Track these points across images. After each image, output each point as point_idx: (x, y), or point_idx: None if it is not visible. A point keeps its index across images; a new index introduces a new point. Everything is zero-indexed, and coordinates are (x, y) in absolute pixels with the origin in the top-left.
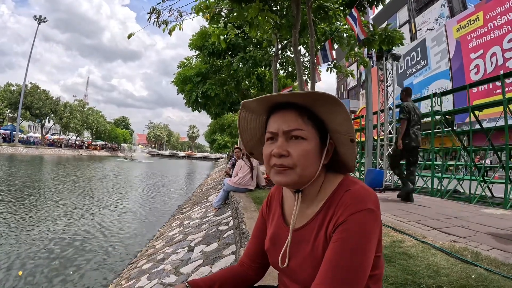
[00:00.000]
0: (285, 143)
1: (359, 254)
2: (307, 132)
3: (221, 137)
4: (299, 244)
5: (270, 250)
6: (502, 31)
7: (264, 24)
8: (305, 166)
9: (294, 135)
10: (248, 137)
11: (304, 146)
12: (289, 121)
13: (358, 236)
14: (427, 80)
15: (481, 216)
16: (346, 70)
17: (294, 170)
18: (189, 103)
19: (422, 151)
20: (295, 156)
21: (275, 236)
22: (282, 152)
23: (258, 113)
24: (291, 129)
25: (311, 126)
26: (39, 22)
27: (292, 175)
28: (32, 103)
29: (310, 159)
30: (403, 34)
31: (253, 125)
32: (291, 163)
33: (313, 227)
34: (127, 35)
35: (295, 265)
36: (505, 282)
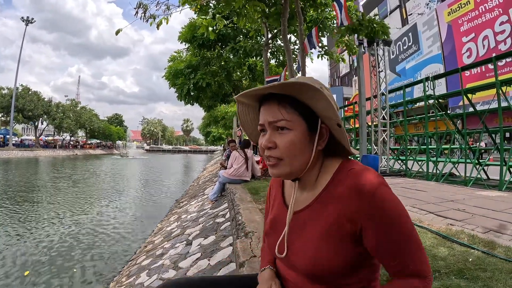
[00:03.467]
0: (272, 135)
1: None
2: (291, 122)
3: (216, 129)
4: (299, 228)
5: (268, 234)
6: (494, 14)
7: (253, 14)
8: (293, 156)
9: (279, 126)
10: (250, 128)
11: (289, 136)
12: (272, 112)
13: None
14: (419, 65)
15: (477, 198)
16: (337, 55)
17: (284, 161)
18: (181, 97)
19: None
20: (282, 148)
21: (275, 219)
22: (268, 145)
23: (252, 106)
24: (275, 120)
25: (296, 115)
26: (26, 23)
27: (283, 167)
28: (24, 106)
29: (298, 148)
30: (389, 27)
31: (252, 116)
32: (278, 154)
33: (316, 208)
34: (114, 32)
35: (294, 251)
36: (503, 264)
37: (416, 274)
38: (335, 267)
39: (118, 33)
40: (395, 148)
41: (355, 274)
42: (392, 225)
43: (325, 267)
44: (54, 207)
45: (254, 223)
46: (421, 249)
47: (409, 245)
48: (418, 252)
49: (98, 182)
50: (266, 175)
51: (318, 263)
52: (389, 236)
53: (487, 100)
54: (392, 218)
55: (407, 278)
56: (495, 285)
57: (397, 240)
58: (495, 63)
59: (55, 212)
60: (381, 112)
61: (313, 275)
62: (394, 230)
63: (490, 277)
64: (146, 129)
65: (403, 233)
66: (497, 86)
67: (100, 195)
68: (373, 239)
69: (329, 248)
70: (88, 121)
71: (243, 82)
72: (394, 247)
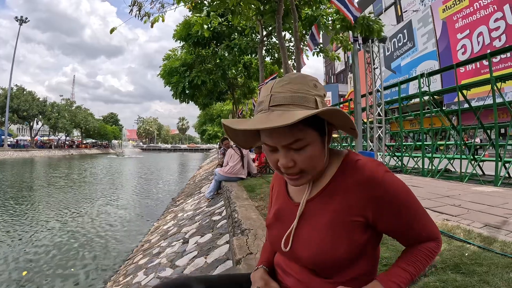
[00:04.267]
0: (288, 154)
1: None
2: (306, 138)
3: (211, 127)
4: (305, 219)
5: (272, 226)
6: (488, 10)
7: (247, 11)
8: (314, 167)
9: (294, 147)
10: (241, 140)
11: (308, 152)
12: (284, 134)
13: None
14: (414, 62)
15: (473, 194)
16: (332, 53)
17: (305, 173)
18: (177, 95)
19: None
20: (302, 164)
21: (279, 211)
22: (288, 164)
23: None
24: (290, 143)
25: (308, 128)
26: (20, 23)
27: (306, 177)
28: (19, 106)
29: (316, 158)
30: (383, 25)
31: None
32: (298, 170)
33: (324, 199)
34: (108, 31)
35: (299, 242)
36: (499, 259)
37: (429, 238)
38: (340, 257)
39: (112, 31)
40: (391, 144)
41: (357, 266)
42: (404, 206)
43: (331, 256)
44: (51, 207)
45: (250, 221)
46: (428, 217)
47: (418, 217)
48: (427, 221)
49: (94, 182)
50: (262, 173)
51: (324, 253)
52: (403, 216)
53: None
54: (402, 199)
55: (423, 243)
56: (491, 279)
57: (409, 217)
58: (490, 59)
59: (51, 212)
60: (377, 109)
61: (317, 266)
62: (406, 210)
63: (486, 271)
64: (141, 128)
65: (413, 209)
66: (492, 82)
67: (96, 195)
68: (389, 222)
69: (336, 236)
70: (83, 120)
71: (238, 79)
72: (408, 223)
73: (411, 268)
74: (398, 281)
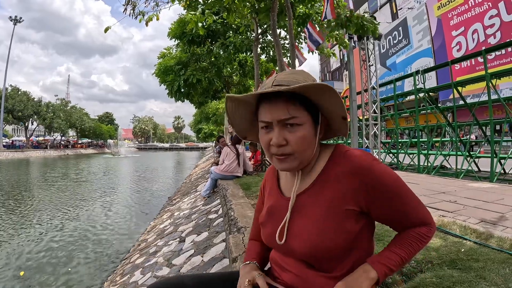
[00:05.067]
0: (281, 132)
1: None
2: (301, 118)
3: (207, 126)
4: (298, 212)
5: (265, 223)
6: (483, 8)
7: (242, 9)
8: (304, 150)
9: (289, 123)
10: (239, 125)
11: (301, 132)
12: (281, 110)
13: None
14: (409, 59)
15: (469, 190)
16: (328, 50)
17: (294, 155)
18: (172, 94)
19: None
20: (294, 144)
21: (272, 208)
22: (281, 142)
23: (245, 104)
24: (286, 118)
25: (303, 110)
26: (15, 22)
27: (294, 161)
28: (14, 106)
29: (308, 142)
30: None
31: (242, 112)
32: (290, 150)
33: (315, 190)
34: (103, 30)
35: (293, 235)
36: (495, 254)
37: (422, 223)
38: (335, 247)
39: (107, 30)
40: (386, 141)
41: (352, 259)
42: (394, 192)
43: (325, 247)
44: (47, 208)
45: (247, 218)
46: (420, 203)
47: (410, 203)
48: (419, 206)
49: (90, 182)
50: (258, 171)
51: (319, 244)
52: (394, 202)
53: (477, 93)
54: (392, 185)
55: (415, 228)
56: (487, 275)
57: (401, 203)
58: (485, 56)
59: (48, 213)
60: (372, 106)
61: (312, 258)
62: (397, 197)
63: (482, 267)
64: (137, 127)
65: (404, 195)
66: (487, 79)
67: (92, 195)
68: (381, 208)
69: (330, 227)
70: (78, 120)
71: (234, 78)
72: (400, 210)
73: (402, 251)
74: (389, 264)
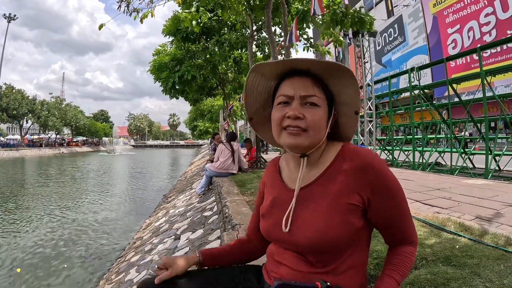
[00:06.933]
0: (300, 107)
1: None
2: (321, 100)
3: (202, 123)
4: (305, 203)
5: (267, 215)
6: (479, 5)
7: (237, 6)
8: (317, 131)
9: (310, 101)
10: (252, 100)
11: (318, 112)
12: (306, 87)
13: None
14: (405, 56)
15: (463, 187)
16: (323, 48)
17: (307, 132)
18: (167, 91)
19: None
20: (310, 120)
21: (275, 199)
22: (298, 115)
23: (267, 78)
24: (309, 95)
25: (323, 95)
26: (8, 20)
27: (305, 138)
28: (8, 105)
29: (321, 124)
30: (374, 19)
31: (260, 89)
32: (305, 126)
33: (323, 182)
34: (96, 27)
35: (298, 226)
36: (490, 251)
37: (410, 242)
38: (337, 239)
39: (101, 27)
40: (382, 138)
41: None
42: (394, 198)
43: (328, 239)
44: (43, 206)
45: (241, 215)
46: (412, 220)
47: (406, 214)
48: (411, 223)
49: (85, 180)
50: (252, 168)
51: (321, 235)
52: (391, 208)
53: (472, 91)
54: (393, 191)
55: (404, 246)
56: (482, 271)
57: (397, 211)
58: (480, 54)
59: (44, 210)
60: (367, 103)
61: (313, 250)
62: (395, 202)
63: (477, 263)
64: (132, 124)
65: (403, 205)
66: (482, 76)
67: (88, 193)
68: (377, 210)
69: (334, 219)
70: (73, 118)
71: (229, 75)
72: (397, 217)
73: (396, 274)
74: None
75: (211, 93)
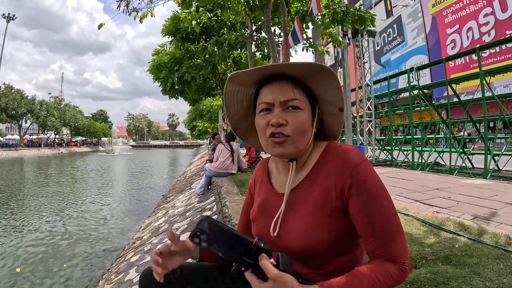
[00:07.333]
0: (282, 112)
1: (385, 196)
2: (302, 103)
3: (202, 123)
4: (291, 207)
5: (257, 219)
6: (478, 6)
7: (236, 6)
8: (301, 136)
9: (292, 105)
10: (234, 110)
11: (301, 115)
12: (285, 91)
13: (375, 184)
14: (404, 56)
15: (463, 186)
16: (322, 48)
17: (292, 139)
18: (166, 91)
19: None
20: (293, 125)
21: (264, 203)
22: (281, 121)
23: (246, 86)
24: (289, 99)
25: (305, 96)
26: (8, 20)
27: (291, 145)
28: (7, 104)
29: (305, 127)
30: (375, 15)
31: (240, 98)
32: (289, 132)
33: (306, 186)
34: (95, 27)
35: (285, 231)
36: (489, 250)
37: (393, 260)
38: (325, 243)
39: (100, 27)
40: (381, 138)
41: (342, 256)
42: (373, 200)
43: (316, 243)
44: (43, 206)
45: None
46: (401, 236)
47: (388, 225)
48: (398, 237)
49: (85, 180)
50: (252, 168)
51: (310, 239)
52: (370, 215)
53: (471, 91)
54: (373, 192)
55: (384, 262)
56: (482, 270)
57: (378, 220)
58: (479, 54)
59: (43, 211)
60: (366, 103)
61: (303, 253)
62: (374, 205)
63: (477, 263)
64: (131, 124)
65: (383, 211)
66: (481, 76)
67: (87, 193)
68: (356, 212)
69: (320, 222)
70: (72, 118)
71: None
72: (376, 227)
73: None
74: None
75: (210, 93)
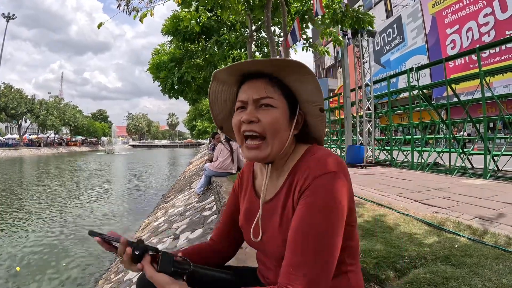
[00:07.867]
0: (254, 111)
1: (328, 217)
2: (276, 101)
3: (201, 123)
4: (270, 216)
5: (244, 226)
6: (478, 6)
7: (236, 5)
8: (274, 133)
9: (264, 103)
10: (218, 109)
11: (273, 113)
12: (258, 89)
13: (324, 198)
14: (404, 56)
15: (462, 186)
16: (321, 48)
17: (266, 140)
18: (165, 91)
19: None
20: (265, 123)
21: (248, 211)
22: (251, 118)
23: (229, 84)
24: (261, 97)
25: (280, 94)
26: (7, 19)
27: (265, 149)
28: (7, 104)
29: (279, 126)
30: (374, 17)
31: (224, 97)
32: (260, 129)
33: (281, 196)
34: (95, 27)
35: (267, 238)
36: (488, 250)
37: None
38: None
39: (100, 26)
40: (380, 138)
41: None
42: (313, 214)
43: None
44: (42, 205)
45: None
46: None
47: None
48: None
49: (84, 179)
50: None
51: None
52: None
53: (471, 91)
54: (318, 205)
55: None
56: (481, 270)
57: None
58: (479, 54)
59: (43, 210)
60: (366, 103)
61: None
62: (311, 219)
63: (476, 263)
64: (131, 124)
65: (316, 227)
66: (480, 76)
67: (86, 192)
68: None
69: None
70: (72, 118)
71: None
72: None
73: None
74: None
75: None
